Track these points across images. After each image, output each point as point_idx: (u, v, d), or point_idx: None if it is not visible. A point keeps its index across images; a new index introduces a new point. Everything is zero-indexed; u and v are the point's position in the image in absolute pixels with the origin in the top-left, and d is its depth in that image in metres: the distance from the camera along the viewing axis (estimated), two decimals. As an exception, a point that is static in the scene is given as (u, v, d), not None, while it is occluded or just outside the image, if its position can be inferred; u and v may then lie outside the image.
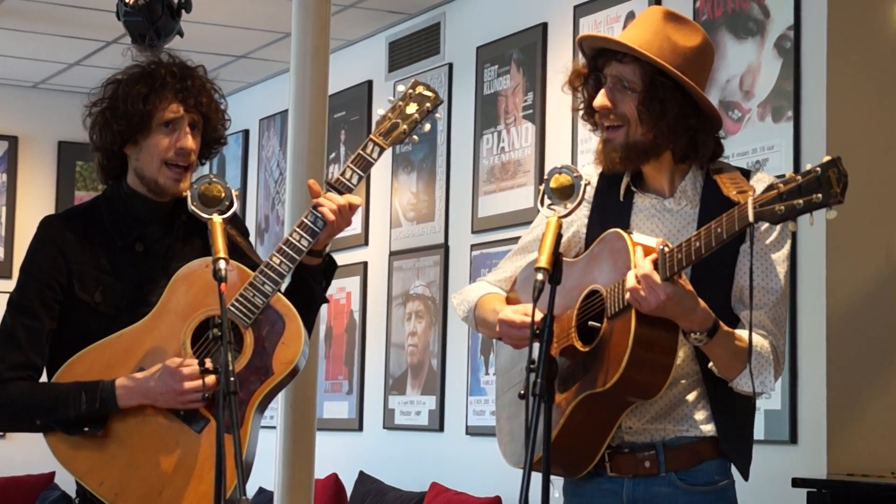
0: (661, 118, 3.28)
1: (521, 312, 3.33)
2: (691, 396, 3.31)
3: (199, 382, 3.38)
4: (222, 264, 3.31)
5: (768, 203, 2.93)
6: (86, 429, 3.44)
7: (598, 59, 3.38)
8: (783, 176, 2.94)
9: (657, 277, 3.08)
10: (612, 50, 3.36)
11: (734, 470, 3.35)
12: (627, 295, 3.12)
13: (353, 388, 8.18)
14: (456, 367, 7.33)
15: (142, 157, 3.57)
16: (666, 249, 3.10)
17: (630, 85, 3.31)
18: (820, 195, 2.86)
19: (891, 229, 5.46)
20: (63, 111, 9.50)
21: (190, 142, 3.55)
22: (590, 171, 3.45)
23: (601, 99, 3.35)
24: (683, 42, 3.33)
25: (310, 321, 3.63)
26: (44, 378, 3.57)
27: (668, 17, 3.37)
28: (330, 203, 3.51)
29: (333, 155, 8.35)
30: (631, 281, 3.11)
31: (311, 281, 3.61)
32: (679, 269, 3.08)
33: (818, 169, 2.87)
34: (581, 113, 3.45)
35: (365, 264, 8.16)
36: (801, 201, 2.88)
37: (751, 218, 2.95)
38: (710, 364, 3.24)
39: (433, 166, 7.62)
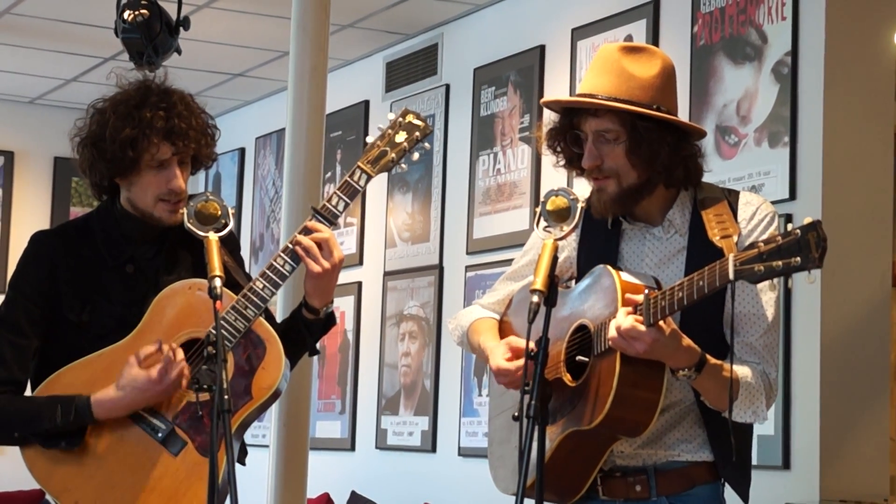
0: (654, 159, 3.27)
1: (512, 350, 3.32)
2: (684, 422, 3.30)
3: (166, 364, 3.37)
4: (218, 282, 3.30)
5: (749, 262, 2.94)
6: (63, 443, 3.43)
7: (572, 116, 3.35)
8: (776, 201, 2.94)
9: (641, 326, 3.08)
10: None
11: (732, 493, 3.34)
12: (611, 342, 3.12)
13: (345, 408, 8.17)
14: (449, 387, 7.32)
15: (134, 192, 3.57)
16: (651, 296, 3.10)
17: (613, 136, 3.29)
18: (798, 259, 2.87)
19: (885, 256, 5.46)
20: (59, 127, 9.38)
21: (181, 182, 3.55)
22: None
23: (588, 158, 3.31)
24: (647, 73, 3.30)
25: (293, 361, 3.62)
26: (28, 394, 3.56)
27: (624, 51, 3.34)
28: (307, 239, 3.48)
29: (329, 174, 8.34)
30: (613, 331, 3.11)
31: (305, 332, 3.60)
32: (662, 316, 3.08)
33: (798, 231, 2.88)
34: (561, 167, 3.43)
35: (359, 284, 8.15)
36: (780, 263, 2.90)
37: (731, 276, 2.97)
38: (702, 397, 3.24)
39: (429, 187, 7.62)
